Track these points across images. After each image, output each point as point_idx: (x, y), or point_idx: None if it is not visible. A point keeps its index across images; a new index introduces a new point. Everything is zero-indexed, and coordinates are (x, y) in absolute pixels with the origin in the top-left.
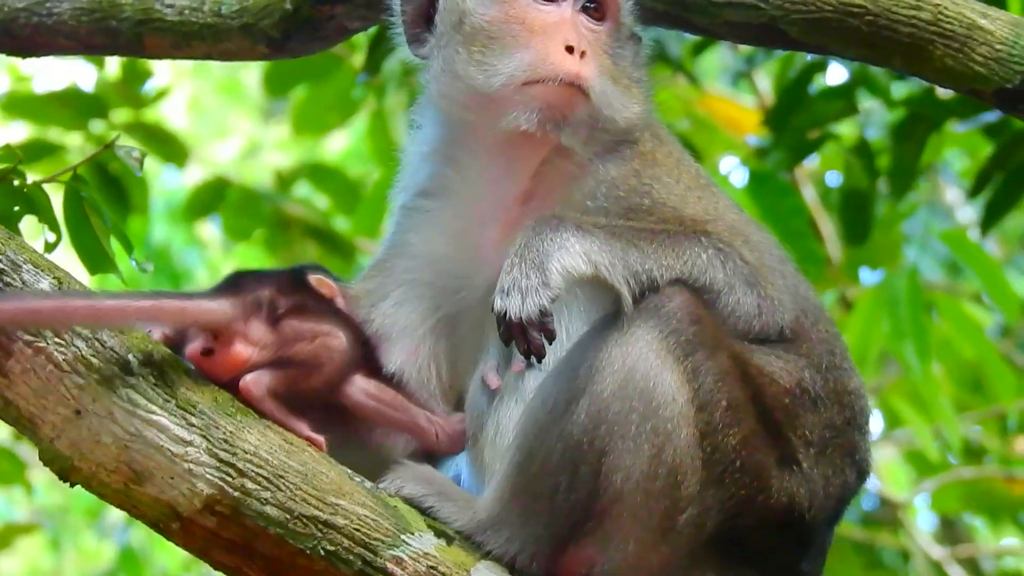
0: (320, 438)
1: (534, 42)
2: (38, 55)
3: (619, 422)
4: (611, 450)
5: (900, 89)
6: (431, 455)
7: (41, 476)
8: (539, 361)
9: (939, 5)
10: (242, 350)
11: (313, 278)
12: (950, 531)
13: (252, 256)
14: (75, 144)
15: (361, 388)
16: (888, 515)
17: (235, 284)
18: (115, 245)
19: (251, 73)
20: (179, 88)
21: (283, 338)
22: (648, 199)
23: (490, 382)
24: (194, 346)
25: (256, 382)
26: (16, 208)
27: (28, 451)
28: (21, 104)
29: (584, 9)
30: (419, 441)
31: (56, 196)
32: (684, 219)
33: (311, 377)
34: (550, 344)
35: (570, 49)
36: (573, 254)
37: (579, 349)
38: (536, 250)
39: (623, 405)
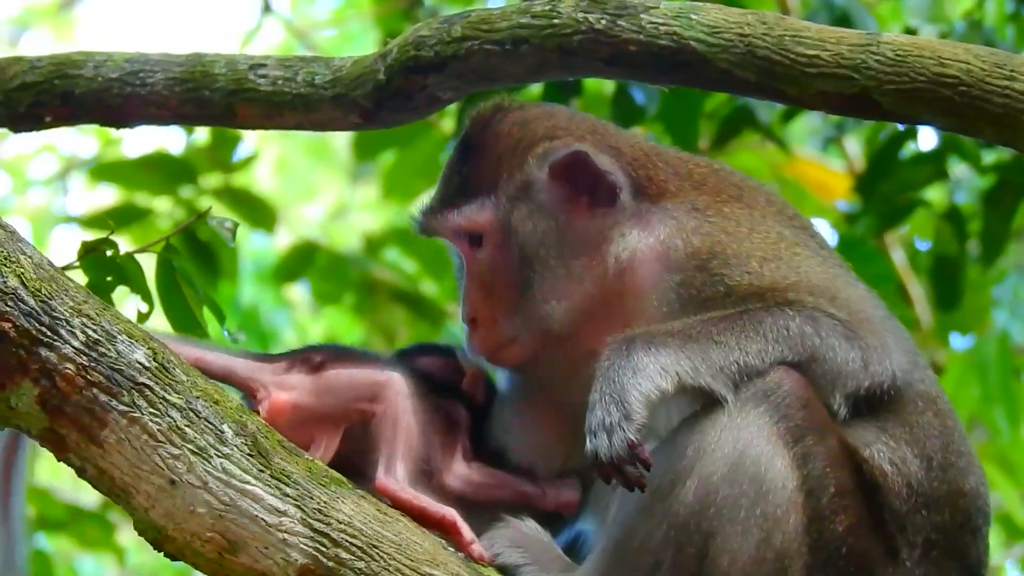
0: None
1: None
2: (130, 125)
3: (728, 506)
4: (719, 533)
5: (990, 155)
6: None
7: (130, 538)
8: (642, 491)
9: None
10: (281, 397)
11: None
12: None
13: (340, 319)
14: (164, 209)
15: (461, 476)
16: None
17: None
18: (207, 313)
19: (339, 134)
20: (267, 149)
21: (321, 383)
22: (722, 286)
23: None
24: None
25: (387, 478)
26: (108, 278)
27: (117, 515)
28: (110, 169)
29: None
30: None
31: (147, 262)
32: (763, 291)
33: (406, 436)
34: (648, 471)
35: (473, 322)
36: (650, 375)
37: (685, 430)
38: (613, 382)
39: (733, 489)
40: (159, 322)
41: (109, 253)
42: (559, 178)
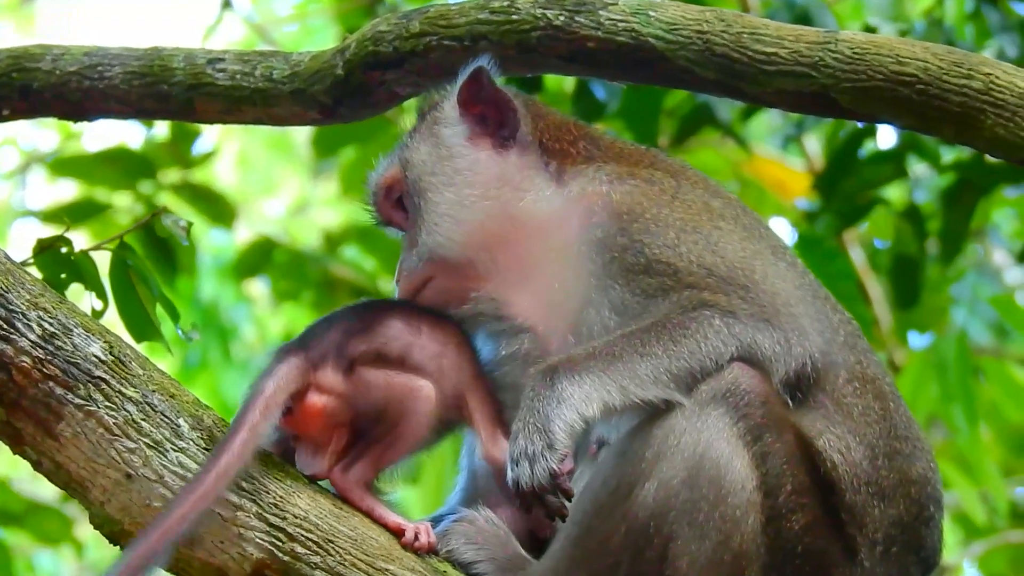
0: (408, 525)
1: None
2: (89, 119)
3: (688, 509)
4: (678, 535)
5: (949, 154)
6: None
7: (89, 532)
8: (563, 520)
9: (991, 74)
10: (316, 400)
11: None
12: None
13: (300, 315)
14: (123, 204)
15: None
16: None
17: (303, 336)
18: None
19: (300, 129)
20: (228, 143)
21: (357, 387)
22: (642, 256)
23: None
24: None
25: (342, 476)
26: (63, 275)
27: (75, 509)
28: (70, 163)
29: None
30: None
31: (103, 260)
32: (679, 274)
33: (397, 445)
34: (569, 502)
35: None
36: (574, 404)
37: (644, 433)
38: (536, 412)
39: (693, 493)
40: (113, 319)
41: (64, 250)
42: (468, 114)
